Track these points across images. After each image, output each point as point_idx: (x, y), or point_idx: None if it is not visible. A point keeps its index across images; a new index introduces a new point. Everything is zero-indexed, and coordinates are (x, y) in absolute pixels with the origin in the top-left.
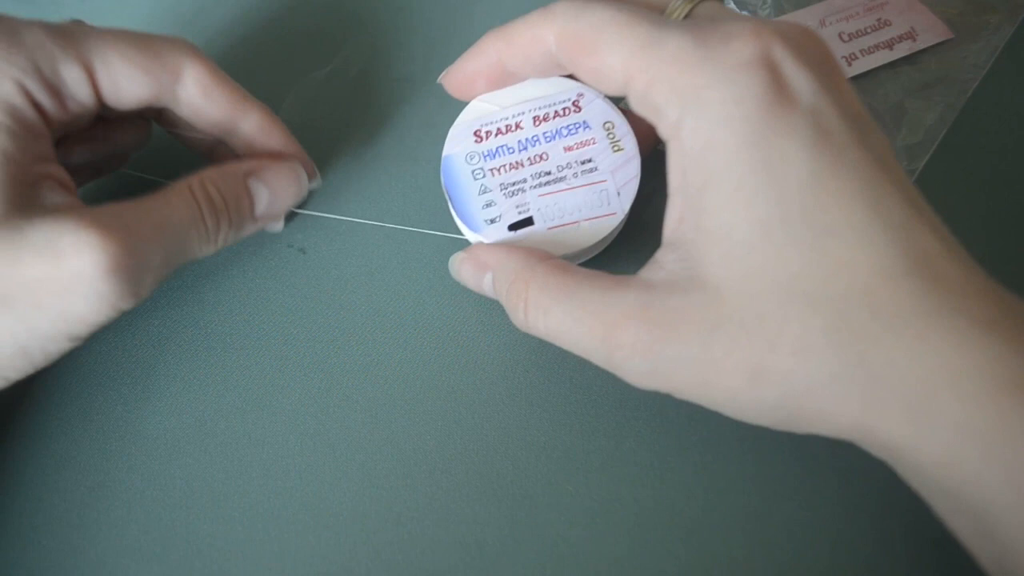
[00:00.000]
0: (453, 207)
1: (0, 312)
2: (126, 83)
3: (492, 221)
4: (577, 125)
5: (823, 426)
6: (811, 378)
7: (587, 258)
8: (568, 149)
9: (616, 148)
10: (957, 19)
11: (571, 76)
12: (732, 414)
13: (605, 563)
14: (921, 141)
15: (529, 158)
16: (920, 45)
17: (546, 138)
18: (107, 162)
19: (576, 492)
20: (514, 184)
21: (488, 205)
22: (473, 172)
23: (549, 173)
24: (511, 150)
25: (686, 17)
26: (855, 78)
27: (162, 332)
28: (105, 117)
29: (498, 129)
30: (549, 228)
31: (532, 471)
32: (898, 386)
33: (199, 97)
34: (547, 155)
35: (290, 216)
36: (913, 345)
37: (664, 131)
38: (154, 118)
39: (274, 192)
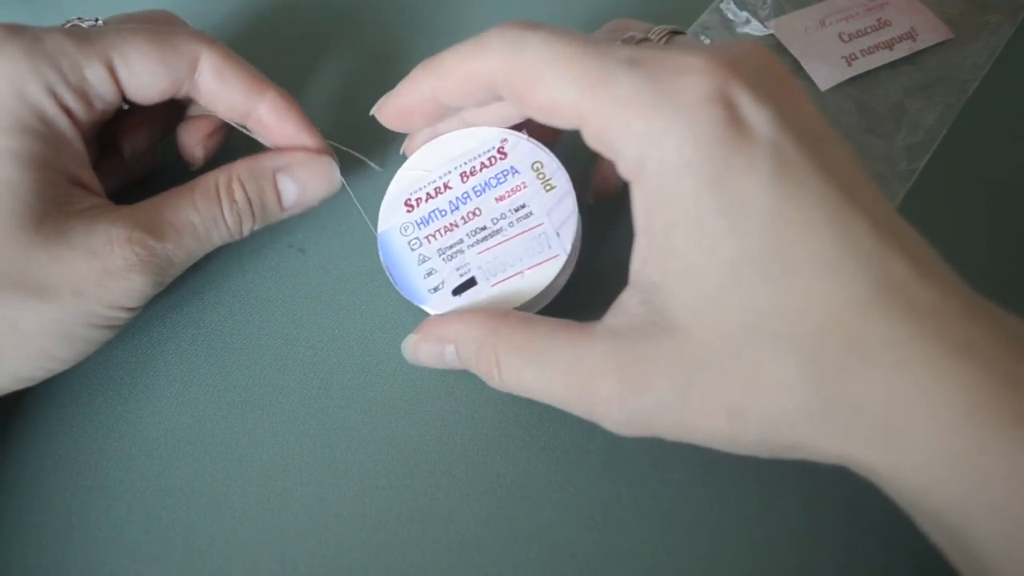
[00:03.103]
0: (395, 282)
1: (45, 302)
2: (147, 77)
3: (435, 289)
4: (506, 172)
5: (807, 455)
6: (789, 415)
7: (542, 305)
8: (500, 199)
9: (548, 187)
10: (957, 19)
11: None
12: (720, 450)
13: (605, 563)
14: (921, 141)
15: (463, 216)
16: (920, 45)
17: (476, 192)
18: (137, 162)
19: (576, 492)
20: (451, 247)
21: (429, 274)
22: (410, 243)
23: (484, 228)
24: (443, 213)
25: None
26: (855, 78)
27: (162, 332)
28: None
29: (428, 194)
30: (493, 284)
31: (532, 471)
32: (876, 417)
33: (214, 83)
34: (480, 210)
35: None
36: (889, 375)
37: (624, 171)
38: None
39: (303, 188)
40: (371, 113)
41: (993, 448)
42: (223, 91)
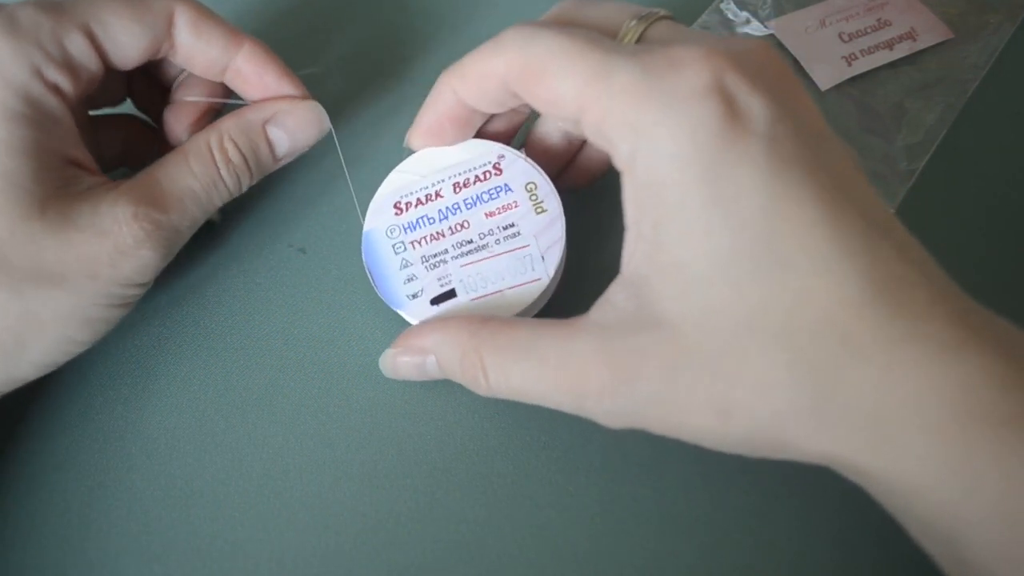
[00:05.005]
0: (374, 283)
1: (62, 289)
2: (126, 38)
3: (414, 296)
4: (499, 189)
5: (795, 455)
6: (777, 413)
7: None
8: (489, 215)
9: (539, 210)
10: (957, 19)
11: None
12: (707, 446)
13: (605, 563)
14: (921, 141)
15: (450, 227)
16: (920, 45)
17: (467, 205)
18: (137, 148)
19: (576, 492)
20: (435, 256)
21: (410, 280)
22: (394, 246)
23: (471, 242)
24: (431, 220)
25: (639, 40)
26: (855, 78)
27: (162, 332)
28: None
29: (418, 199)
30: (472, 299)
31: (532, 471)
32: (865, 418)
33: (191, 37)
34: (468, 223)
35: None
36: (879, 376)
37: (618, 163)
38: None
39: (293, 135)
40: (404, 146)
41: (984, 450)
42: (200, 46)
